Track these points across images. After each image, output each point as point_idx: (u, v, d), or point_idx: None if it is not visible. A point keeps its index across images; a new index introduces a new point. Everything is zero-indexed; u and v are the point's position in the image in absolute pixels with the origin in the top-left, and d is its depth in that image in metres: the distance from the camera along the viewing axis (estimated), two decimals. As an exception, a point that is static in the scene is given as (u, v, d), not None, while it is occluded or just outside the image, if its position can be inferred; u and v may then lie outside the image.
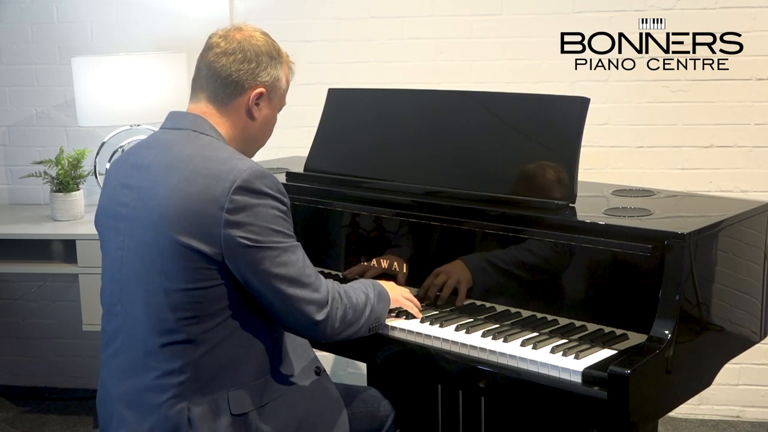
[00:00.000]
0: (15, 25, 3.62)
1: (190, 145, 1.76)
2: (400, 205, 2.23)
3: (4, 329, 3.83)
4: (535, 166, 2.12)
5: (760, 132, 3.24)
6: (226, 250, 1.67)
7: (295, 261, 1.73)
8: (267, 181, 1.71)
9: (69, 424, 3.47)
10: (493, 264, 2.08)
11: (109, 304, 1.83)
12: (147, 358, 1.74)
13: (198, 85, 1.85)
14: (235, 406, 1.74)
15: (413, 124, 2.34)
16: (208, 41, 1.85)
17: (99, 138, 3.46)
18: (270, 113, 1.88)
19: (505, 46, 3.34)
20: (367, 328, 1.93)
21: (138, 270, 1.75)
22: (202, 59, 1.84)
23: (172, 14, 3.51)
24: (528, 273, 2.04)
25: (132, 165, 1.81)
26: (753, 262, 2.14)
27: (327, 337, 1.80)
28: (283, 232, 1.72)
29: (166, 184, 1.71)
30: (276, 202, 1.72)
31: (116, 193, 1.81)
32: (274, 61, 1.85)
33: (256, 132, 1.88)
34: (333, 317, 1.79)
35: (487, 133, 2.22)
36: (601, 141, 3.29)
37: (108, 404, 1.83)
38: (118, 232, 1.79)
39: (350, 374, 3.60)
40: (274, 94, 1.87)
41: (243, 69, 1.81)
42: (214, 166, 1.70)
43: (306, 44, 3.48)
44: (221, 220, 1.66)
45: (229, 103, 1.82)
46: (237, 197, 1.67)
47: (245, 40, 1.83)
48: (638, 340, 1.84)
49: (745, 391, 3.39)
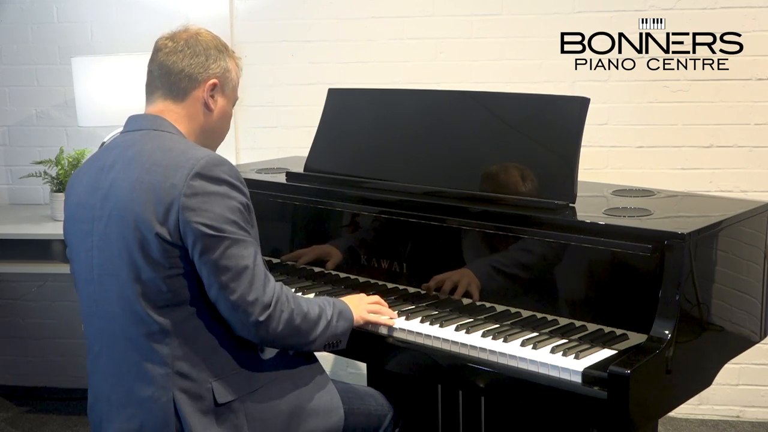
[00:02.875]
0: (15, 25, 3.62)
1: (151, 141, 1.80)
2: (400, 205, 2.23)
3: (4, 329, 3.83)
4: (535, 166, 2.12)
5: (760, 132, 3.24)
6: (184, 235, 1.70)
7: (246, 256, 1.73)
8: (225, 168, 1.74)
9: (69, 424, 3.47)
10: (492, 264, 2.08)
11: (86, 306, 1.85)
12: (128, 353, 1.76)
13: (152, 86, 1.90)
14: (220, 395, 1.76)
15: (413, 124, 2.34)
16: (155, 45, 1.91)
17: (99, 138, 3.46)
18: (225, 105, 1.92)
19: (505, 46, 3.34)
20: (321, 344, 1.89)
21: (108, 267, 1.77)
22: (153, 62, 1.90)
23: (172, 14, 3.50)
24: (528, 273, 2.04)
25: (96, 169, 1.84)
26: (753, 262, 2.14)
27: (269, 339, 1.79)
28: (236, 222, 1.73)
29: (128, 178, 1.75)
30: (233, 191, 1.74)
31: (82, 199, 1.83)
32: (222, 54, 1.91)
33: (215, 124, 1.92)
34: (276, 319, 1.77)
35: (487, 133, 2.22)
36: (601, 141, 3.29)
37: (98, 409, 1.85)
38: (86, 234, 1.81)
39: (350, 374, 3.60)
40: (227, 85, 1.92)
41: (194, 63, 1.86)
42: (173, 156, 1.74)
43: (306, 44, 3.48)
44: (179, 205, 1.69)
45: (185, 98, 1.87)
46: (194, 183, 1.70)
47: (191, 38, 1.88)
48: (638, 340, 1.84)
49: (745, 391, 3.39)
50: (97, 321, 1.82)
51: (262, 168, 2.68)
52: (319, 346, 1.90)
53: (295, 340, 1.84)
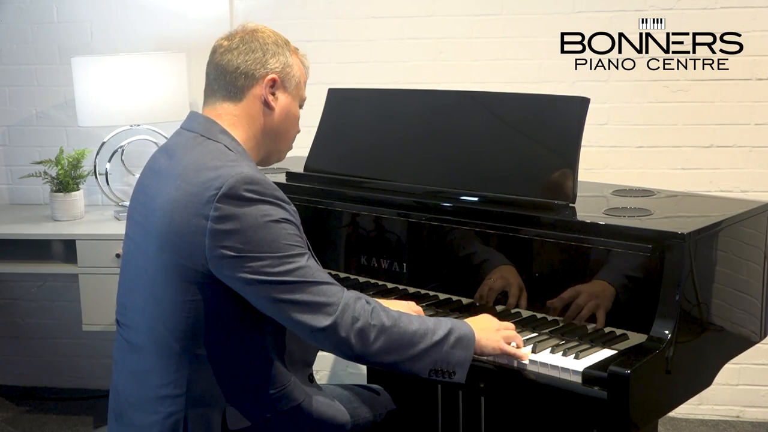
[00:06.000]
0: (15, 25, 3.62)
1: (191, 151, 1.71)
2: (400, 205, 2.23)
3: (4, 329, 3.82)
4: (535, 166, 2.12)
5: (760, 132, 3.24)
6: (211, 261, 1.61)
7: (292, 270, 1.63)
8: (256, 187, 1.63)
9: (69, 424, 3.47)
10: (492, 264, 2.08)
11: (120, 304, 1.83)
12: (145, 367, 1.73)
13: (210, 89, 1.80)
14: (232, 422, 1.72)
15: (413, 124, 2.34)
16: (213, 47, 1.82)
17: (99, 138, 3.46)
18: (288, 103, 1.82)
19: (505, 46, 3.33)
20: (425, 368, 1.70)
21: (136, 278, 1.75)
22: (209, 65, 1.81)
23: (172, 14, 3.51)
24: (528, 273, 2.04)
25: (150, 169, 1.79)
26: (753, 262, 2.14)
27: (340, 348, 1.65)
28: (274, 240, 1.62)
29: (164, 195, 1.68)
30: (268, 207, 1.63)
31: (137, 195, 1.80)
32: (282, 49, 1.80)
33: (278, 125, 1.81)
34: (343, 326, 1.63)
35: (487, 133, 2.22)
36: (601, 141, 3.29)
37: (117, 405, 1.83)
38: (129, 235, 1.80)
39: (350, 374, 3.60)
40: (289, 81, 1.82)
41: (250, 59, 1.76)
42: (203, 175, 1.64)
43: (306, 44, 3.43)
44: (206, 229, 1.60)
45: (243, 97, 1.77)
46: (222, 205, 1.60)
47: (247, 35, 1.79)
48: (638, 340, 1.84)
49: (745, 391, 3.39)
50: (125, 320, 1.79)
51: (261, 168, 2.68)
52: (421, 369, 1.71)
53: (384, 358, 1.67)
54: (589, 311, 1.93)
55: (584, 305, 1.93)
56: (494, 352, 1.80)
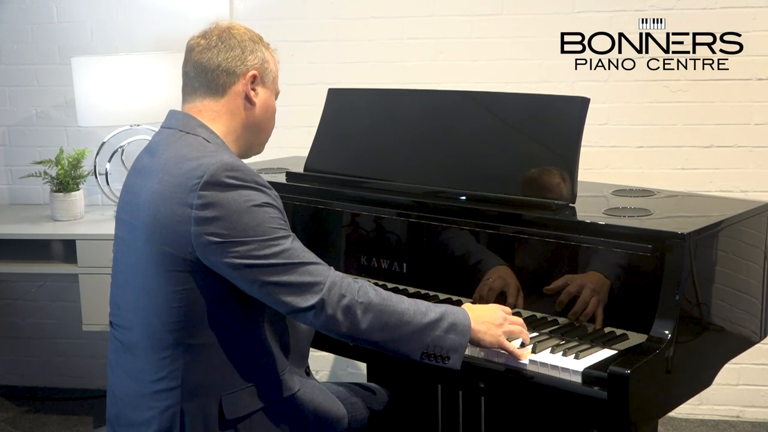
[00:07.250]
0: (15, 25, 3.62)
1: (172, 146, 1.75)
2: (400, 205, 2.23)
3: (4, 329, 3.82)
4: (534, 166, 2.12)
5: (760, 132, 3.24)
6: (198, 248, 1.64)
7: (278, 252, 1.65)
8: (237, 174, 1.66)
9: (69, 424, 3.47)
10: (491, 264, 2.08)
11: (113, 305, 1.85)
12: (139, 364, 1.74)
13: (189, 87, 1.84)
14: (228, 412, 1.73)
15: (413, 124, 2.34)
16: (187, 45, 1.86)
17: (99, 138, 3.46)
18: (267, 98, 1.86)
19: (505, 46, 3.34)
20: (416, 350, 1.71)
21: (127, 275, 1.77)
22: (187, 63, 1.85)
23: (172, 14, 3.51)
24: (528, 273, 2.04)
25: (134, 168, 1.83)
26: (753, 262, 2.14)
27: (328, 326, 1.66)
28: (258, 224, 1.65)
29: (148, 190, 1.71)
30: (250, 192, 1.66)
31: (123, 195, 1.83)
32: (258, 45, 1.84)
33: (259, 118, 1.85)
34: (330, 304, 1.65)
35: (487, 133, 2.22)
36: (601, 141, 3.29)
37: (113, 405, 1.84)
38: (118, 235, 1.82)
39: (350, 374, 3.60)
40: (267, 76, 1.85)
41: (230, 56, 1.80)
42: (184, 165, 1.68)
43: (306, 44, 3.48)
44: (190, 217, 1.64)
45: (225, 94, 1.81)
46: (205, 192, 1.63)
47: (224, 32, 1.83)
48: (638, 340, 1.84)
49: (745, 391, 3.39)
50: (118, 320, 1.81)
51: (261, 168, 2.68)
52: (412, 351, 1.72)
53: (370, 335, 1.69)
54: (591, 310, 1.93)
55: (585, 304, 1.93)
56: (492, 346, 1.81)
